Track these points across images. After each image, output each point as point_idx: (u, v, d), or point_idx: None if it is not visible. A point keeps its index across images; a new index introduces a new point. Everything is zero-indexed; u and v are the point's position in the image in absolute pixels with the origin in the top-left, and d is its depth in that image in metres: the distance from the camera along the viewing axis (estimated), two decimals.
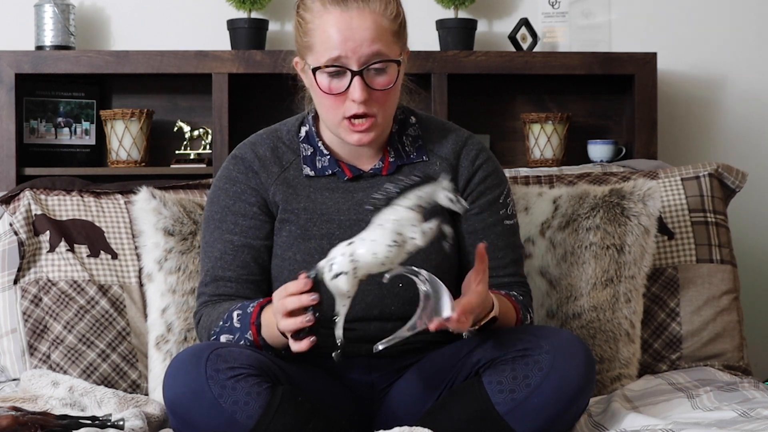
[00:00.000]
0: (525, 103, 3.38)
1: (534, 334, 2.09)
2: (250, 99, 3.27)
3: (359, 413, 2.22)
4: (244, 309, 2.12)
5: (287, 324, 1.95)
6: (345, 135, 2.18)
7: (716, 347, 2.68)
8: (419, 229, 1.92)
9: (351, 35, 2.11)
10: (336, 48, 2.11)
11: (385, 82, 2.15)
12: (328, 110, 2.17)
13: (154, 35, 3.32)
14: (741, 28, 3.46)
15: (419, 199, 1.93)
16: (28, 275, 2.60)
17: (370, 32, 2.12)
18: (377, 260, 1.90)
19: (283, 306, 1.95)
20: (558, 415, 2.04)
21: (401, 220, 1.92)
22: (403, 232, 1.91)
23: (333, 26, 2.12)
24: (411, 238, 1.91)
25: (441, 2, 3.26)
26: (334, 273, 1.91)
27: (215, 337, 2.15)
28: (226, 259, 2.23)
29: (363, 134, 2.17)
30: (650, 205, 2.62)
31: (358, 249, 1.91)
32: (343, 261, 1.91)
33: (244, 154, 2.28)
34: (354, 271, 1.91)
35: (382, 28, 2.13)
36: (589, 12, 3.38)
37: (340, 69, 2.12)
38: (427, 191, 1.94)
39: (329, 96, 2.15)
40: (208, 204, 2.29)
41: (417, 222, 1.92)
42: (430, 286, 1.94)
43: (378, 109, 2.16)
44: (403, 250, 1.92)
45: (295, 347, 1.96)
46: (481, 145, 2.32)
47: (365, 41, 2.11)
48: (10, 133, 3.07)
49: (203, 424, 1.99)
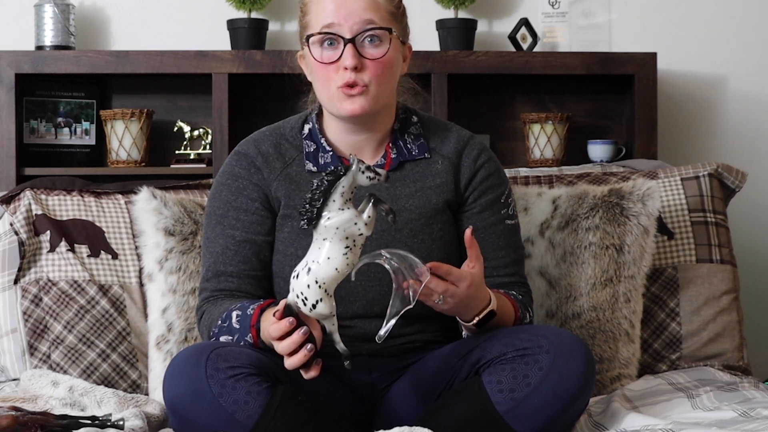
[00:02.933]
0: (525, 103, 3.38)
1: (534, 333, 2.09)
2: (250, 99, 3.27)
3: (359, 413, 2.22)
4: (244, 310, 2.12)
5: (293, 362, 1.94)
6: (339, 105, 2.18)
7: (716, 347, 2.68)
8: (361, 221, 1.91)
9: (343, 3, 2.16)
10: (329, 16, 2.15)
11: (377, 54, 2.17)
12: (323, 83, 2.18)
13: (154, 35, 3.32)
14: (741, 28, 3.46)
15: (343, 195, 1.91)
16: (28, 275, 2.60)
17: (363, 2, 2.15)
18: (342, 273, 1.92)
19: (281, 350, 1.95)
20: (558, 415, 2.04)
21: (341, 224, 1.90)
22: (349, 234, 1.91)
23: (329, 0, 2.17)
24: (359, 234, 1.91)
25: (441, 2, 3.27)
26: (310, 305, 1.92)
27: (215, 337, 2.15)
28: (227, 254, 2.23)
29: (355, 99, 2.16)
30: (650, 205, 2.62)
31: (319, 272, 1.91)
32: (312, 291, 1.91)
33: (246, 150, 2.29)
34: (325, 293, 1.92)
35: (377, 3, 2.17)
36: (589, 12, 3.38)
37: (333, 37, 2.15)
38: (346, 183, 1.91)
39: (323, 66, 2.16)
40: (210, 200, 2.29)
41: (355, 216, 1.91)
42: (396, 259, 1.95)
43: (370, 80, 2.17)
44: (358, 249, 1.92)
45: (307, 376, 1.96)
46: (483, 145, 2.33)
47: (358, 10, 2.15)
48: (10, 133, 3.07)
49: (203, 423, 1.99)
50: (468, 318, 2.09)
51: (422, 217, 2.23)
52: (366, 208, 1.93)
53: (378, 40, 2.17)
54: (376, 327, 2.15)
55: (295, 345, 1.93)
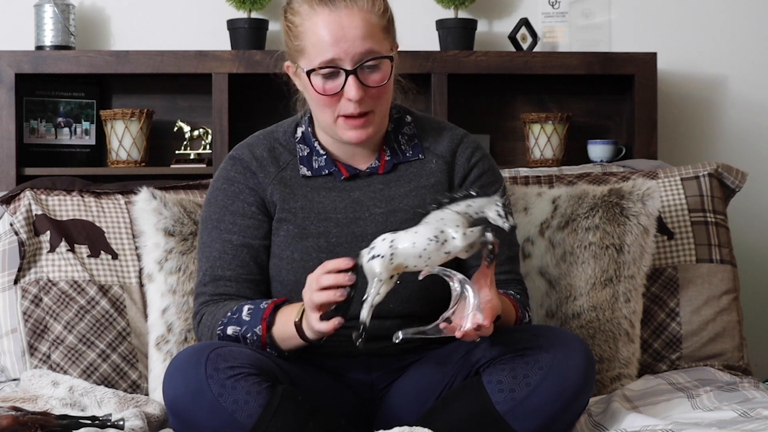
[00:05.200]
0: (525, 103, 3.38)
1: (534, 333, 2.09)
2: (250, 99, 3.27)
3: (359, 413, 2.22)
4: (257, 305, 2.13)
5: (320, 296, 1.96)
6: (341, 133, 2.18)
7: (716, 347, 2.68)
8: (461, 231, 1.96)
9: (342, 35, 2.12)
10: (328, 50, 2.12)
11: (378, 79, 2.15)
12: (323, 110, 2.17)
13: (154, 35, 3.32)
14: (741, 28, 3.46)
15: (469, 208, 1.98)
16: (28, 275, 2.60)
17: (360, 30, 2.12)
18: (415, 251, 1.94)
19: (317, 282, 1.97)
20: (558, 415, 2.04)
21: (445, 219, 1.96)
22: (445, 230, 1.95)
23: (323, 28, 2.12)
24: (452, 237, 1.95)
25: (441, 2, 3.26)
26: (371, 255, 1.96)
27: (222, 326, 2.14)
28: (225, 258, 2.23)
29: (360, 130, 2.17)
30: (649, 205, 2.62)
31: (399, 237, 1.95)
32: (382, 246, 1.95)
33: (241, 154, 2.28)
34: (391, 256, 1.95)
35: (372, 25, 2.14)
36: (589, 12, 3.38)
37: (334, 70, 2.13)
38: (479, 203, 1.99)
39: (324, 97, 2.15)
40: (206, 205, 2.29)
41: (461, 224, 1.96)
42: (463, 288, 1.98)
43: (373, 106, 2.16)
44: (443, 248, 1.95)
45: (322, 326, 1.97)
46: (477, 143, 2.33)
47: (357, 40, 2.12)
48: (10, 133, 3.07)
49: (203, 423, 1.99)
50: None
51: (417, 217, 2.23)
52: (474, 228, 1.97)
53: (377, 66, 2.15)
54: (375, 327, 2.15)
55: (335, 283, 1.95)
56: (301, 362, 2.17)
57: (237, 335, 2.12)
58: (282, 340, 2.10)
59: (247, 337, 2.11)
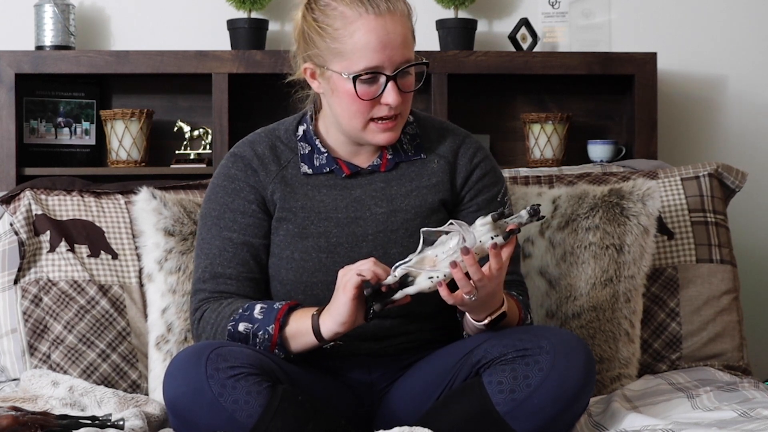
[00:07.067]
0: (525, 103, 3.38)
1: (534, 334, 2.09)
2: (250, 99, 3.27)
3: (359, 413, 2.22)
4: (270, 305, 2.13)
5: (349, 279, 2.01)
6: (371, 136, 2.18)
7: (716, 347, 2.68)
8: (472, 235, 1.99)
9: (389, 41, 2.12)
10: (374, 56, 2.11)
11: (412, 83, 2.18)
12: (355, 115, 2.16)
13: (154, 35, 3.32)
14: (741, 28, 3.46)
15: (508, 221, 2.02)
16: (28, 275, 2.60)
17: (402, 37, 2.14)
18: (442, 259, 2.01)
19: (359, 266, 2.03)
20: (558, 415, 2.04)
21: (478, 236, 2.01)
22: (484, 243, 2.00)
23: (370, 33, 2.11)
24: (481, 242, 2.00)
25: (441, 2, 3.26)
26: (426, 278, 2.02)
27: (234, 322, 2.13)
28: (225, 256, 2.23)
29: (392, 132, 2.18)
30: (649, 205, 2.62)
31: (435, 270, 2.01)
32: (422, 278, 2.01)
33: (242, 152, 2.28)
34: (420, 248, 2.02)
35: (409, 30, 2.18)
36: (589, 12, 3.38)
37: (376, 75, 2.13)
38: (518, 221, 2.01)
39: (360, 101, 2.14)
40: (206, 201, 2.28)
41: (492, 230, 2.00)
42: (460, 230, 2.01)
43: (403, 109, 2.19)
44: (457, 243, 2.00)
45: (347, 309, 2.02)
46: (479, 144, 2.33)
47: (399, 47, 2.13)
48: (10, 133, 3.07)
49: (203, 423, 1.99)
50: (481, 317, 2.09)
51: (418, 217, 2.23)
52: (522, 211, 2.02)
53: (409, 70, 2.17)
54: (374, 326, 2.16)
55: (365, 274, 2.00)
56: (301, 362, 2.16)
57: (248, 332, 2.11)
58: (294, 338, 2.09)
59: (258, 335, 2.11)
